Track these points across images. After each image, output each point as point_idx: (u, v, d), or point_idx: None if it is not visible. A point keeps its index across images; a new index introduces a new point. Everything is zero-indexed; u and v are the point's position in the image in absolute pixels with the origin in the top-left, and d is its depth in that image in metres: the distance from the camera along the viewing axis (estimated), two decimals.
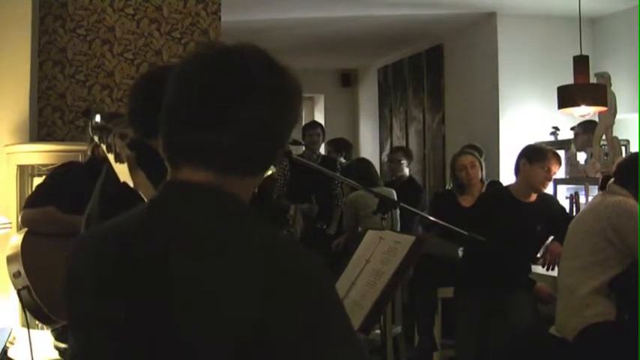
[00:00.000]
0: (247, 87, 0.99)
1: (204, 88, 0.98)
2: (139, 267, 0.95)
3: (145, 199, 1.39)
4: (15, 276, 2.77)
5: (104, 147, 1.59)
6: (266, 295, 0.88)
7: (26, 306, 2.75)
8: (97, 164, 2.54)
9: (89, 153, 3.07)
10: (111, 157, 1.55)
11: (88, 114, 1.76)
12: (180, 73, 1.03)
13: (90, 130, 1.72)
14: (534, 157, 3.53)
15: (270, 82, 1.00)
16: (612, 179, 3.08)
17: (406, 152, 6.19)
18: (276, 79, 1.01)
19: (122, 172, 1.50)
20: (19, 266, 2.76)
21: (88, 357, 1.02)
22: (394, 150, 6.33)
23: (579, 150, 5.07)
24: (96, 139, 1.66)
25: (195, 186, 0.98)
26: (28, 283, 2.72)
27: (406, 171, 5.86)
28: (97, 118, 1.74)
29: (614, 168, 3.30)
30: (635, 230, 2.83)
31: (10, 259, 2.81)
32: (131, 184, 1.45)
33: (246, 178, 1.02)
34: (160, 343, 0.92)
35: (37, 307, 2.71)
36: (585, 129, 5.13)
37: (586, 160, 4.95)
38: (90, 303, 1.01)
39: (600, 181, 3.16)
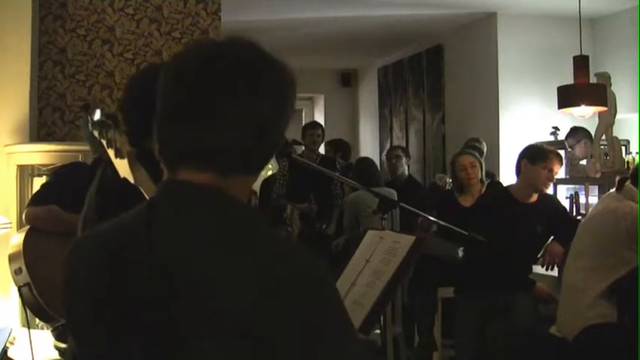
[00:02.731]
0: (243, 84, 0.96)
1: (198, 87, 0.95)
2: (139, 271, 0.93)
3: (146, 196, 1.38)
4: (16, 273, 2.77)
5: (104, 142, 1.57)
6: (266, 296, 0.87)
7: (27, 303, 2.75)
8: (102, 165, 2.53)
9: (95, 156, 3.05)
10: (111, 152, 1.53)
11: (88, 109, 1.73)
12: (172, 71, 0.99)
13: (90, 125, 1.69)
14: (536, 157, 3.52)
15: (266, 77, 0.98)
16: (629, 181, 3.07)
17: (404, 150, 6.19)
18: (272, 74, 0.99)
19: (122, 168, 1.48)
20: (20, 263, 2.76)
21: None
22: (392, 148, 6.33)
23: (582, 158, 5.06)
24: (96, 134, 1.64)
25: (195, 187, 0.96)
26: (29, 280, 2.72)
27: (405, 169, 5.86)
28: (97, 113, 1.71)
29: (631, 170, 3.30)
30: None
31: (12, 257, 2.81)
32: (131, 180, 1.44)
33: (244, 178, 1.00)
34: (159, 348, 0.91)
35: (37, 304, 2.72)
36: (577, 138, 5.13)
37: (587, 160, 4.95)
38: (89, 307, 1.00)
39: (617, 182, 3.15)
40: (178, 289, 0.90)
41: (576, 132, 5.18)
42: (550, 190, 3.98)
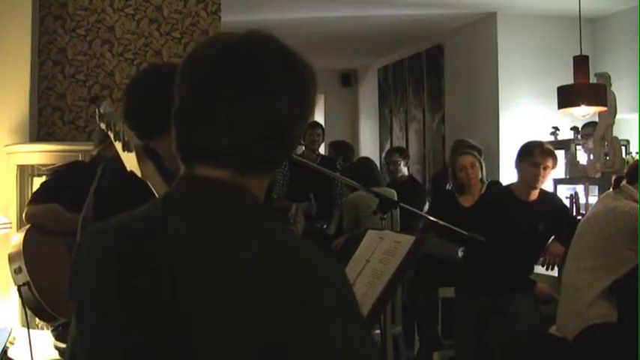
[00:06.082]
0: (261, 82, 0.94)
1: (213, 87, 0.94)
2: (152, 266, 0.92)
3: (154, 190, 1.37)
4: (16, 272, 2.78)
5: (112, 135, 1.56)
6: (282, 298, 0.86)
7: (26, 302, 2.76)
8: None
9: (94, 153, 3.06)
10: (118, 145, 1.51)
11: (96, 101, 1.72)
12: (187, 70, 0.97)
13: (97, 117, 1.68)
14: (522, 154, 3.56)
15: (283, 77, 0.96)
16: (625, 180, 3.07)
17: (402, 152, 6.16)
18: (290, 74, 0.97)
19: (129, 161, 1.47)
20: (20, 262, 2.77)
21: (92, 357, 1.00)
22: (390, 152, 6.24)
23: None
24: (103, 126, 1.63)
25: (214, 183, 0.95)
26: (29, 279, 2.73)
27: (405, 171, 5.85)
28: (105, 105, 1.71)
29: (626, 168, 3.30)
30: None
31: (12, 257, 2.82)
32: (138, 174, 1.43)
33: (260, 177, 0.99)
34: (167, 347, 0.90)
35: (37, 303, 2.72)
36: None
37: (588, 160, 4.95)
38: (96, 300, 0.99)
39: (613, 181, 3.14)
40: (191, 287, 0.89)
41: (593, 124, 5.18)
42: (550, 189, 3.99)
